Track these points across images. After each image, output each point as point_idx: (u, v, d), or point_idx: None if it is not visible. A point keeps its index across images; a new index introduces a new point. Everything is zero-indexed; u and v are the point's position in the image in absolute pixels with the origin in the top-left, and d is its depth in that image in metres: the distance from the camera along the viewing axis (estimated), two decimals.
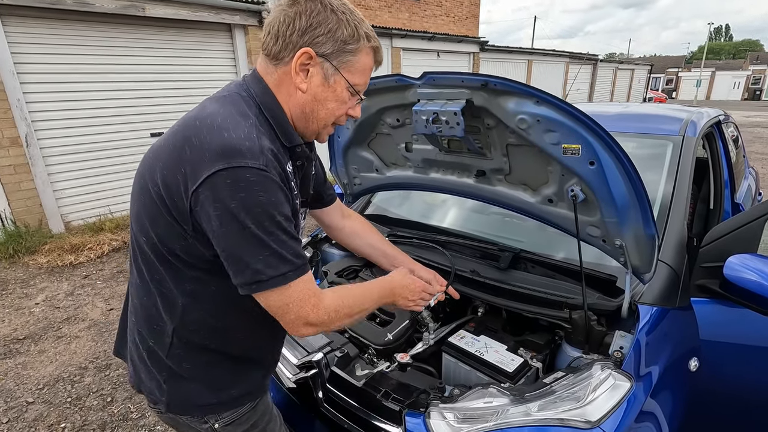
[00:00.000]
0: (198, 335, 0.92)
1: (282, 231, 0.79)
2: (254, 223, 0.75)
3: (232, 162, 0.73)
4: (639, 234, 1.14)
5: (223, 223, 0.75)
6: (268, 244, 0.77)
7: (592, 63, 17.04)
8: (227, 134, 0.76)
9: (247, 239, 0.76)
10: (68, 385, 2.52)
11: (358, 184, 1.92)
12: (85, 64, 4.96)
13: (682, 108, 2.28)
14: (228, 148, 0.74)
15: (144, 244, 0.88)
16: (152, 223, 0.84)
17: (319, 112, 0.90)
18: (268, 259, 0.78)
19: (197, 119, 0.80)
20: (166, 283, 0.89)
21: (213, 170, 0.73)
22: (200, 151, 0.75)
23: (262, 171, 0.75)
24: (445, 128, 1.27)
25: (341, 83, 0.88)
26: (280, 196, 0.79)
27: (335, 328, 0.94)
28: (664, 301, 1.26)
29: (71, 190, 5.08)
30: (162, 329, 0.92)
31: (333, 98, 0.89)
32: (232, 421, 0.99)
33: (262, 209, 0.75)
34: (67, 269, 4.15)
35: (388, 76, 1.42)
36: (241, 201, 0.74)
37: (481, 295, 1.41)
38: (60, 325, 3.17)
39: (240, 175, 0.73)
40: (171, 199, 0.78)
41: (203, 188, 0.74)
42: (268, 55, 0.87)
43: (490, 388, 1.08)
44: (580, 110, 1.05)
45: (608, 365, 1.08)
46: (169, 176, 0.77)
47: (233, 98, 0.85)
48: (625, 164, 1.06)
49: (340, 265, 1.81)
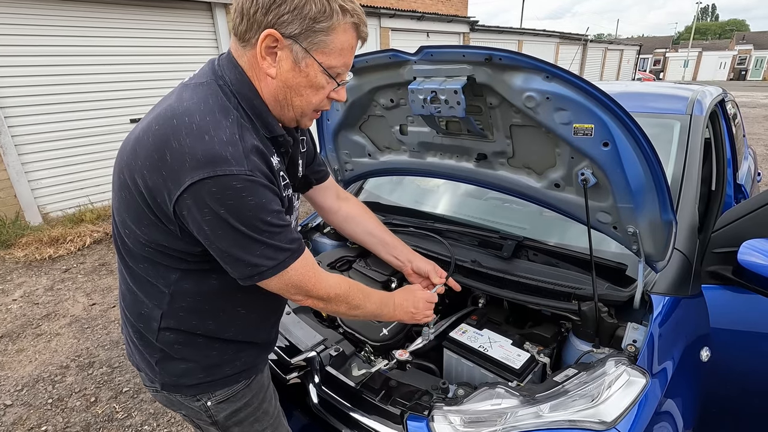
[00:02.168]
0: (186, 321, 0.91)
1: (274, 226, 0.79)
2: (246, 225, 0.75)
3: (217, 170, 0.70)
4: (655, 220, 1.07)
5: (214, 229, 0.74)
6: (263, 241, 0.78)
7: (582, 43, 16.90)
8: (209, 138, 0.72)
9: (242, 240, 0.76)
10: (49, 385, 2.41)
11: (349, 170, 1.82)
12: (57, 46, 4.69)
13: (682, 86, 2.20)
14: (211, 155, 0.70)
15: (126, 237, 0.86)
16: (135, 220, 0.81)
17: (293, 100, 0.83)
18: (264, 252, 0.79)
19: (174, 117, 0.74)
20: (152, 273, 0.87)
21: (197, 178, 0.70)
22: (181, 156, 0.71)
23: (249, 176, 0.73)
24: (444, 108, 1.17)
25: (314, 67, 0.79)
26: (269, 195, 0.77)
27: (334, 310, 0.97)
28: (677, 290, 1.19)
29: (48, 179, 4.85)
30: (149, 315, 0.90)
31: (306, 84, 0.81)
32: (225, 399, 0.98)
33: (253, 213, 0.75)
34: (46, 263, 3.98)
35: (380, 51, 1.30)
36: (230, 208, 0.73)
37: (483, 286, 1.33)
38: (39, 322, 3.03)
39: (226, 184, 0.71)
40: (154, 201, 0.76)
41: (188, 195, 0.71)
42: (236, 36, 0.80)
43: (498, 388, 1.01)
44: (595, 86, 0.96)
45: (623, 360, 1.01)
46: (150, 179, 0.74)
47: (212, 88, 0.79)
48: (643, 145, 0.97)
49: (332, 256, 1.71)
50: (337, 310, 0.97)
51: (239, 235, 0.75)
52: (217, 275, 0.86)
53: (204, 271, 0.86)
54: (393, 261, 1.34)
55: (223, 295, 0.90)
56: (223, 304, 0.92)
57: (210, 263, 0.83)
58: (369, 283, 1.52)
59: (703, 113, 1.71)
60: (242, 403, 1.00)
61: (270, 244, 0.78)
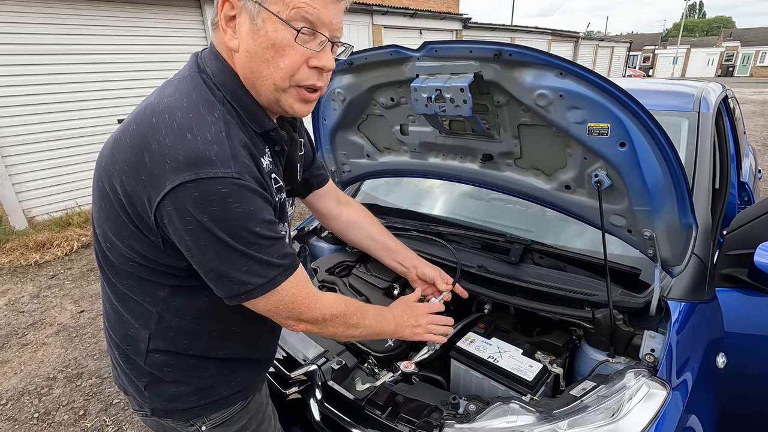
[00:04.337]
0: (177, 341, 0.84)
1: (264, 238, 0.71)
2: (232, 236, 0.67)
3: (200, 173, 0.63)
4: (673, 224, 1.02)
5: (197, 239, 0.67)
6: (251, 254, 0.70)
7: (573, 40, 16.96)
8: (191, 136, 0.64)
9: (227, 253, 0.69)
10: (35, 398, 2.31)
11: (347, 172, 1.75)
12: (42, 45, 4.56)
13: (684, 82, 2.17)
14: (193, 156, 0.63)
15: (108, 251, 0.78)
16: (116, 232, 0.74)
17: (261, 71, 0.70)
18: (252, 267, 0.71)
19: (154, 115, 0.67)
20: (137, 290, 0.80)
21: (177, 182, 0.63)
22: (161, 158, 0.63)
23: (236, 180, 0.65)
24: (449, 107, 1.11)
25: (271, 20, 0.67)
26: (259, 202, 0.70)
27: (330, 333, 0.88)
28: (693, 295, 1.15)
29: (33, 182, 4.72)
30: (136, 335, 0.84)
31: (267, 44, 0.68)
32: (221, 423, 0.91)
33: (239, 222, 0.67)
34: (32, 269, 3.86)
35: (380, 47, 1.23)
36: (214, 215, 0.65)
37: (491, 293, 1.28)
38: (25, 332, 2.93)
39: (210, 188, 0.63)
40: (134, 210, 0.69)
41: (168, 201, 0.64)
42: (212, 25, 0.75)
43: (512, 403, 0.95)
44: (613, 83, 0.90)
45: (642, 372, 0.96)
46: (129, 184, 0.67)
47: (195, 82, 0.71)
48: (663, 145, 0.92)
49: (330, 261, 1.65)
50: (334, 332, 0.88)
51: (224, 247, 0.67)
52: (208, 292, 0.78)
53: (193, 288, 0.79)
54: (397, 267, 1.28)
55: (216, 314, 0.83)
56: (215, 324, 0.85)
57: (199, 279, 0.75)
58: (370, 289, 1.46)
59: (710, 110, 1.67)
60: (239, 426, 0.94)
61: (259, 258, 0.71)
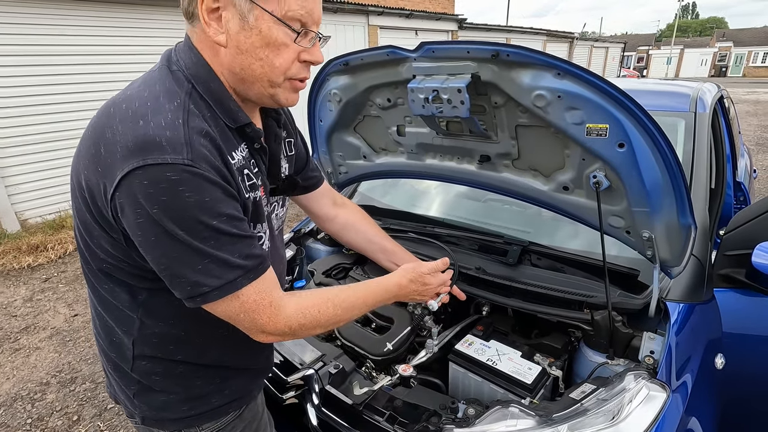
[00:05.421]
0: (162, 347, 0.81)
1: (222, 233, 0.66)
2: (184, 229, 0.63)
3: (148, 158, 0.60)
4: (672, 225, 1.01)
5: (147, 232, 0.63)
6: (206, 251, 0.65)
7: (568, 41, 17.03)
8: (143, 122, 0.62)
9: (180, 249, 0.64)
10: (28, 404, 2.28)
11: (343, 173, 1.74)
12: (35, 46, 4.51)
13: (680, 83, 2.17)
14: (142, 140, 0.60)
15: (86, 252, 0.76)
16: (87, 232, 0.72)
17: (253, 68, 0.69)
18: (207, 266, 0.66)
19: (113, 105, 0.66)
20: (117, 295, 0.77)
21: (127, 169, 0.60)
22: (113, 147, 0.61)
23: (188, 167, 0.61)
24: (446, 108, 1.10)
25: (264, 18, 0.66)
26: (216, 194, 0.65)
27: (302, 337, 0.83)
28: (692, 296, 1.14)
29: (27, 185, 4.66)
30: (121, 342, 0.81)
31: (261, 43, 0.67)
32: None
33: (191, 213, 0.62)
34: (25, 272, 3.82)
35: (377, 48, 1.22)
36: (164, 205, 0.61)
37: (489, 295, 1.27)
38: (18, 336, 2.89)
39: (159, 175, 0.60)
40: (95, 206, 0.66)
41: (120, 192, 0.61)
42: (185, 16, 0.71)
43: (512, 407, 0.95)
44: (611, 83, 0.90)
45: (642, 374, 0.96)
46: (90, 179, 0.65)
47: (161, 74, 0.69)
48: (662, 146, 0.91)
49: (327, 263, 1.63)
50: (312, 334, 0.82)
51: (175, 242, 0.62)
52: None
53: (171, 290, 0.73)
54: (394, 269, 1.27)
55: (198, 317, 0.76)
56: (200, 327, 0.80)
57: None
58: None
59: (707, 110, 1.67)
60: None
61: (215, 256, 0.65)
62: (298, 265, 1.77)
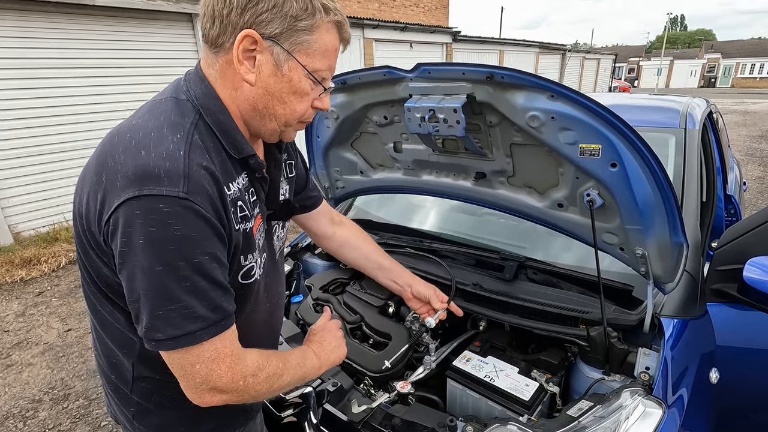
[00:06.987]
0: (161, 371, 0.77)
1: (200, 274, 0.65)
2: (164, 264, 0.62)
3: (144, 189, 0.61)
4: (664, 242, 1.03)
5: (126, 261, 0.63)
6: (176, 296, 0.63)
7: (560, 53, 17.30)
8: (144, 153, 0.63)
9: (150, 283, 0.62)
10: (20, 422, 2.24)
11: (341, 188, 1.75)
12: (30, 59, 4.52)
13: (669, 98, 2.22)
14: (141, 171, 0.62)
15: (86, 276, 0.78)
16: (85, 255, 0.74)
17: (275, 109, 0.74)
18: (169, 315, 0.64)
19: (118, 134, 0.68)
20: (117, 317, 0.78)
21: (123, 199, 0.61)
22: (114, 176, 0.63)
23: (182, 200, 0.61)
24: (442, 127, 1.12)
25: (298, 70, 0.72)
26: (205, 231, 0.64)
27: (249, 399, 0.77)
28: (685, 312, 1.16)
29: (20, 197, 4.64)
30: (121, 363, 0.82)
31: (290, 90, 0.73)
32: None
33: (175, 248, 0.62)
34: (18, 286, 3.77)
35: (374, 68, 1.25)
36: (150, 237, 0.61)
37: (486, 311, 1.28)
38: (9, 352, 2.84)
39: (152, 206, 0.60)
40: (90, 231, 0.68)
41: (113, 219, 0.62)
42: (207, 42, 0.72)
43: (510, 425, 0.95)
44: (603, 105, 0.92)
45: (638, 391, 0.96)
46: (88, 205, 0.67)
47: (167, 104, 0.71)
48: (652, 166, 0.93)
49: (325, 279, 1.64)
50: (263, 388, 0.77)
51: (150, 275, 0.61)
52: None
53: None
54: (392, 285, 1.28)
55: None
56: None
57: None
58: (364, 307, 1.45)
59: (696, 126, 1.71)
60: None
61: (183, 303, 0.63)
62: (296, 280, 1.77)
